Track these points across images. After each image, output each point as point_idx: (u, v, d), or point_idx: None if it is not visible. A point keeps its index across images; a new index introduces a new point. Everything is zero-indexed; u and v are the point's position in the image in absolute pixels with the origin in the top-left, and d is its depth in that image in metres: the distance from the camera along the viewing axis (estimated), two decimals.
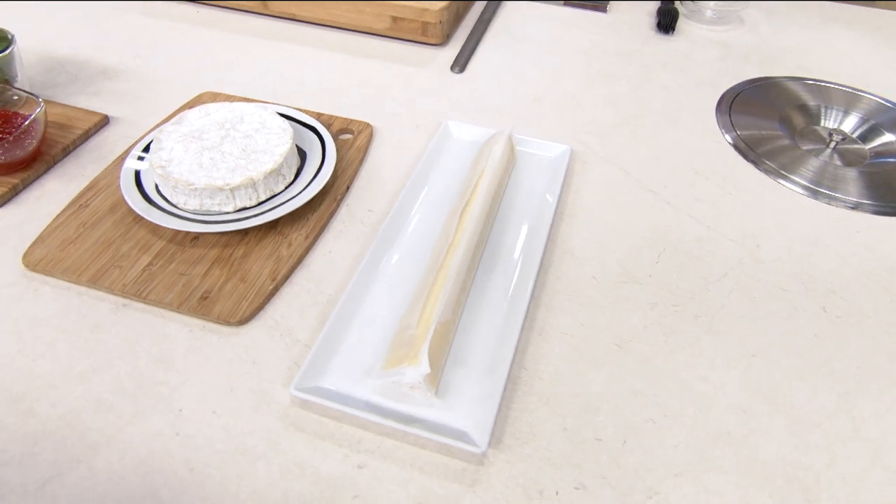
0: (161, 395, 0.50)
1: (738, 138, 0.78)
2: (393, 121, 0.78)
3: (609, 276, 0.61)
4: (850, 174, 0.74)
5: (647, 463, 0.47)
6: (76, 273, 0.57)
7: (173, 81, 0.83)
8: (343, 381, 0.50)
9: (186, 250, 0.60)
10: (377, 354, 0.52)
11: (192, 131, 0.66)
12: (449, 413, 0.49)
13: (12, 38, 0.72)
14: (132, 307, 0.56)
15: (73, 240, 0.60)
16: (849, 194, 0.71)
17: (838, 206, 0.70)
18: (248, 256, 0.60)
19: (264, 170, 0.62)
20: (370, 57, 0.90)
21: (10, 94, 0.71)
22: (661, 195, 0.70)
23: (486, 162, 0.64)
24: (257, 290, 0.57)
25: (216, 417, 0.49)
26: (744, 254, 0.64)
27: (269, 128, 0.67)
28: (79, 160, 0.71)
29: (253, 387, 0.51)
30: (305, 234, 0.62)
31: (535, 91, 0.85)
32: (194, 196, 0.61)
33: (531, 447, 0.48)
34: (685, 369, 0.54)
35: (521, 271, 0.59)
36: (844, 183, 0.73)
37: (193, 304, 0.55)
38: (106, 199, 0.65)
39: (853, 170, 0.75)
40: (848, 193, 0.71)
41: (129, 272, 0.58)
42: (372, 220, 0.65)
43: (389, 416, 0.48)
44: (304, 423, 0.49)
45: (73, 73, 0.83)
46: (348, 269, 0.60)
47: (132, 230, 0.62)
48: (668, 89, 0.87)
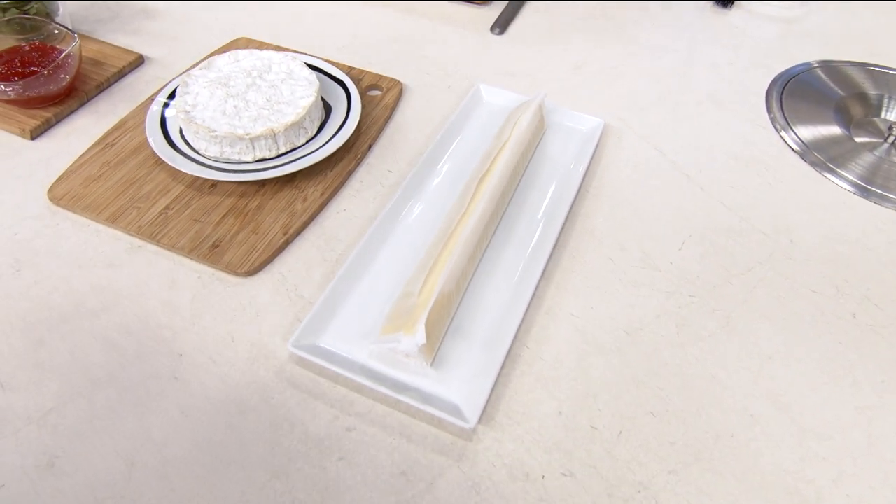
0: (164, 338, 0.51)
1: (786, 125, 0.73)
2: (425, 80, 0.76)
3: (627, 260, 0.59)
4: None
5: (640, 457, 0.46)
6: (96, 211, 0.58)
7: (210, 24, 0.82)
8: (341, 342, 0.50)
9: (203, 197, 0.60)
10: (378, 319, 0.52)
11: (219, 77, 0.65)
12: (442, 385, 0.48)
13: None
14: (146, 249, 0.57)
15: (96, 177, 0.61)
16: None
17: (889, 207, 0.65)
18: (262, 208, 0.59)
19: (286, 122, 0.61)
20: (409, 12, 0.87)
21: (50, 27, 0.72)
22: (694, 179, 0.66)
23: (512, 130, 0.62)
24: (268, 243, 0.56)
25: (214, 366, 0.49)
26: (775, 248, 0.60)
27: (295, 79, 0.66)
28: (111, 98, 0.71)
29: (253, 339, 0.51)
30: (322, 191, 0.61)
31: (575, 59, 0.81)
32: (215, 143, 0.61)
33: (522, 428, 0.47)
34: (694, 364, 0.51)
35: (536, 246, 0.57)
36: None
37: (204, 252, 0.56)
38: (132, 140, 0.65)
39: None
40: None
41: (146, 214, 0.58)
42: (390, 182, 0.64)
43: (382, 382, 0.47)
44: (299, 381, 0.49)
45: (114, 10, 0.83)
46: (361, 229, 0.59)
47: (154, 172, 0.62)
48: (718, 67, 0.82)
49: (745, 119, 0.74)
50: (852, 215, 0.64)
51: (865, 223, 0.64)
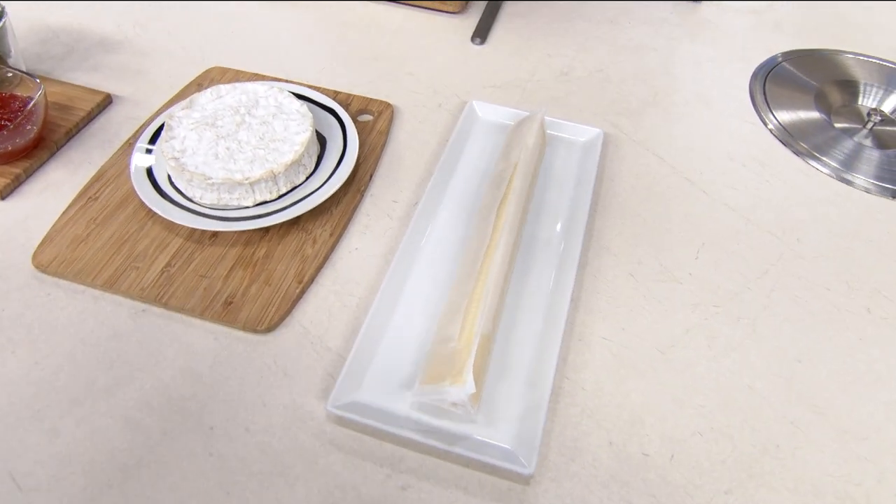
0: (190, 410, 0.48)
1: (773, 119, 0.74)
2: (413, 99, 0.74)
3: (648, 274, 0.59)
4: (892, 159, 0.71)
5: (695, 479, 0.46)
6: (90, 275, 0.54)
7: (176, 54, 0.78)
8: (380, 395, 0.49)
9: (206, 248, 0.57)
10: (414, 366, 0.50)
11: (204, 117, 0.62)
12: (492, 430, 0.47)
13: (3, 10, 0.66)
14: (152, 312, 0.53)
15: (84, 238, 0.57)
16: (892, 182, 0.68)
17: (879, 195, 0.67)
18: (271, 256, 0.56)
19: (285, 161, 0.58)
20: (383, 27, 0.84)
21: (3, 72, 0.66)
22: (696, 183, 0.67)
23: (520, 153, 0.61)
24: (284, 294, 0.54)
25: (250, 436, 0.47)
26: (784, 249, 0.62)
27: (286, 112, 0.63)
28: (83, 145, 0.66)
29: (286, 401, 0.49)
30: (330, 231, 0.59)
31: (560, 64, 0.80)
32: (211, 190, 0.57)
33: (577, 464, 0.47)
34: (729, 377, 0.52)
35: (559, 271, 0.56)
36: (888, 170, 0.70)
37: (217, 310, 0.52)
38: (116, 191, 0.61)
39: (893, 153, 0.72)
40: (892, 182, 0.68)
41: (146, 274, 0.55)
42: (398, 213, 0.62)
43: (432, 435, 0.46)
44: (342, 441, 0.47)
45: (68, 45, 0.77)
46: (377, 268, 0.57)
47: (146, 226, 0.58)
48: (700, 64, 0.83)
49: (734, 116, 0.75)
50: (848, 207, 0.66)
51: (862, 213, 0.66)
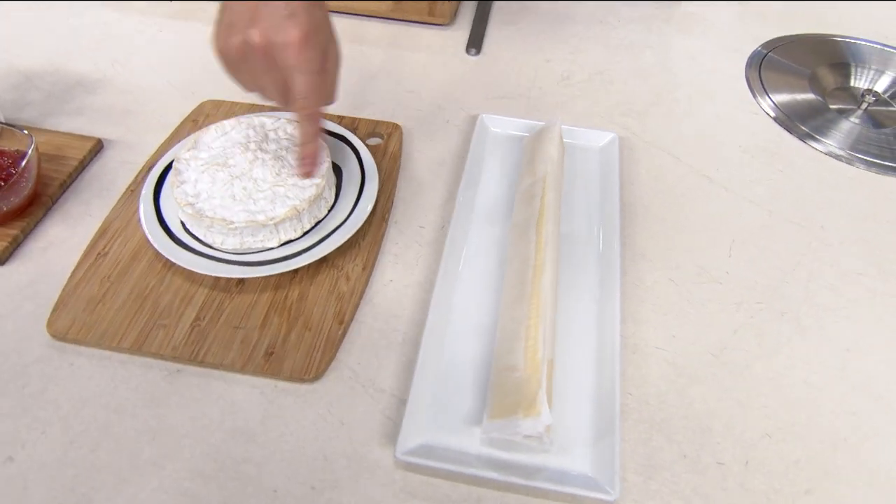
0: (248, 475, 0.45)
1: (774, 107, 0.75)
2: (419, 117, 0.72)
3: (686, 277, 0.58)
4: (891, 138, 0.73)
5: (773, 483, 0.46)
6: (115, 339, 0.50)
7: (162, 90, 0.74)
8: (445, 435, 0.47)
9: (234, 297, 0.54)
10: (475, 399, 0.49)
11: (213, 156, 0.58)
12: (566, 457, 0.46)
13: None
14: (187, 372, 0.50)
15: (100, 298, 0.53)
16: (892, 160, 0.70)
17: (889, 175, 0.69)
18: (305, 297, 0.54)
19: (308, 196, 0.56)
20: (374, 44, 0.82)
21: None
22: (715, 180, 0.67)
23: (546, 166, 0.60)
24: (326, 338, 0.51)
25: (317, 494, 0.44)
26: (811, 238, 0.62)
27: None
28: (79, 196, 0.62)
29: (347, 451, 0.46)
30: (362, 265, 0.56)
31: (559, 69, 0.80)
32: (233, 235, 0.54)
33: (656, 482, 0.46)
34: (785, 374, 0.52)
35: (602, 284, 0.55)
36: (888, 148, 0.71)
37: (259, 363, 0.50)
38: (126, 244, 0.57)
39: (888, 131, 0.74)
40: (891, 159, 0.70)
41: (175, 331, 0.51)
42: (426, 238, 0.60)
43: (508, 471, 0.44)
44: (415, 488, 0.45)
45: (44, 89, 0.73)
46: (415, 298, 0.55)
47: (166, 279, 0.55)
48: (693, 58, 0.83)
49: (736, 108, 0.76)
50: (862, 189, 0.67)
51: (875, 194, 0.67)
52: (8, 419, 0.47)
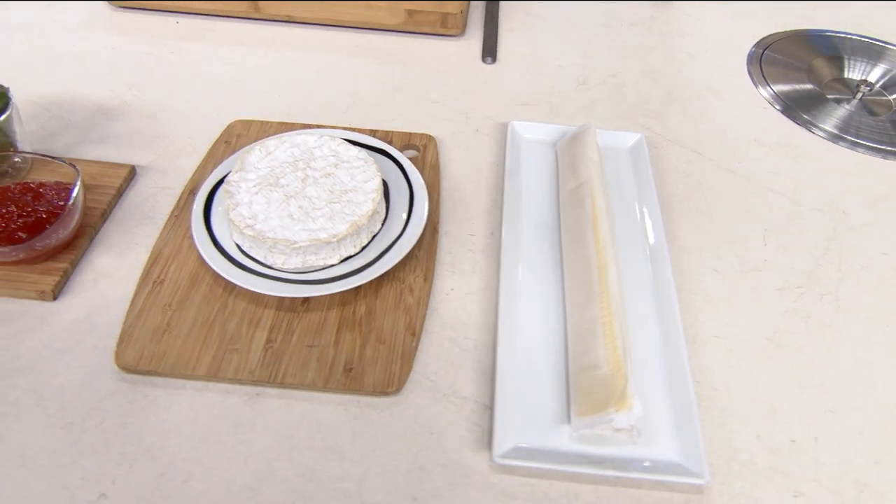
0: (348, 492, 0.45)
1: (779, 100, 0.79)
2: (449, 127, 0.73)
3: (729, 267, 0.61)
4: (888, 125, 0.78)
5: (843, 455, 0.49)
6: (189, 367, 0.50)
7: (185, 112, 0.73)
8: (534, 436, 0.48)
9: (302, 316, 0.54)
10: (556, 399, 0.50)
11: (262, 177, 0.58)
12: (652, 447, 0.48)
13: (8, 92, 0.60)
14: (267, 395, 0.50)
15: (165, 327, 0.52)
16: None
17: (891, 159, 0.73)
18: (373, 312, 0.54)
19: (365, 212, 0.56)
20: (390, 57, 0.83)
21: (13, 160, 0.60)
22: (739, 173, 0.70)
23: (589, 169, 0.61)
24: (402, 350, 0.52)
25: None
26: (835, 223, 0.66)
27: (346, 160, 0.60)
28: (121, 225, 0.61)
29: (441, 460, 0.47)
30: (423, 276, 0.57)
31: (574, 73, 0.82)
32: (296, 254, 0.54)
33: (737, 464, 0.48)
34: (835, 352, 0.55)
35: (656, 278, 0.58)
36: (886, 134, 0.76)
37: (340, 379, 0.50)
38: (181, 271, 0.56)
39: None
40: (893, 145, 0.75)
41: (249, 355, 0.51)
42: (478, 246, 0.61)
43: (603, 465, 0.46)
44: (514, 490, 0.46)
45: (63, 118, 0.71)
46: (479, 305, 0.56)
47: (229, 303, 0.54)
48: (695, 57, 0.87)
49: (745, 102, 0.80)
50: (871, 174, 0.71)
51: (885, 179, 0.71)
52: (92, 456, 0.46)
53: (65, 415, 0.48)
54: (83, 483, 0.44)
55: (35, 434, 0.47)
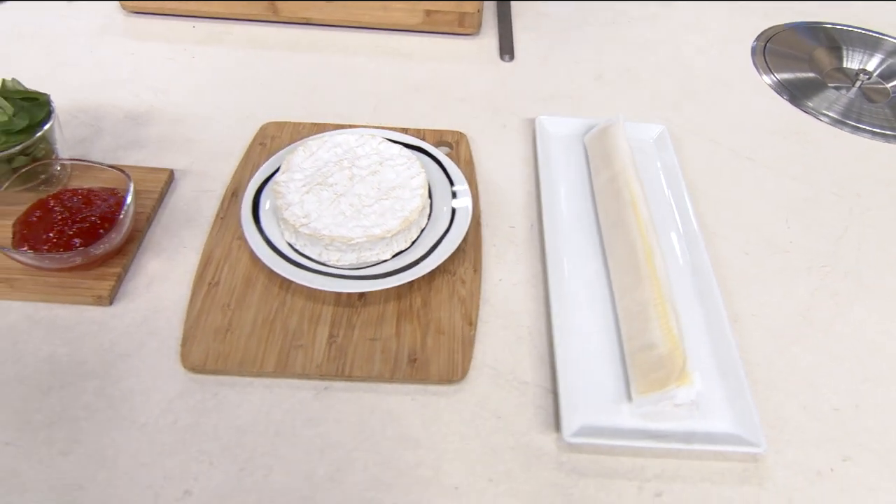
0: (426, 477, 0.47)
1: (785, 90, 0.83)
2: (476, 124, 0.75)
3: (757, 250, 0.64)
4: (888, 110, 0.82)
5: (884, 422, 0.52)
6: (256, 364, 0.51)
7: (213, 116, 0.73)
8: (598, 415, 0.50)
9: (360, 311, 0.55)
10: (614, 379, 0.52)
11: (308, 177, 0.59)
12: (709, 420, 0.50)
13: (49, 100, 0.59)
14: (335, 388, 0.51)
15: (227, 327, 0.53)
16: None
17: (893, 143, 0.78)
18: (428, 304, 0.56)
19: (414, 207, 0.57)
20: (410, 57, 0.84)
21: (54, 168, 0.60)
22: (757, 161, 0.74)
23: (623, 159, 0.64)
24: (461, 340, 0.53)
25: (494, 486, 0.46)
26: (851, 205, 0.69)
27: (390, 158, 0.62)
28: (167, 229, 0.61)
29: (510, 443, 0.49)
30: (473, 268, 0.59)
31: (590, 69, 0.84)
32: (351, 251, 0.55)
33: (788, 433, 0.51)
34: (864, 326, 0.58)
35: (693, 262, 0.60)
36: (887, 120, 0.80)
37: (406, 370, 0.51)
38: (235, 272, 0.57)
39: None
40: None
41: (314, 350, 0.52)
42: (520, 238, 0.63)
43: (666, 439, 0.48)
44: (584, 467, 0.48)
45: (91, 124, 0.70)
46: (528, 294, 0.58)
47: (287, 301, 0.55)
48: (703, 51, 0.90)
49: (754, 93, 0.83)
50: (880, 158, 0.75)
51: (891, 160, 0.75)
52: (171, 455, 0.46)
53: (137, 416, 0.48)
54: (166, 482, 0.45)
55: (111, 436, 0.47)
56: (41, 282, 0.55)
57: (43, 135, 0.58)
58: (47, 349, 0.52)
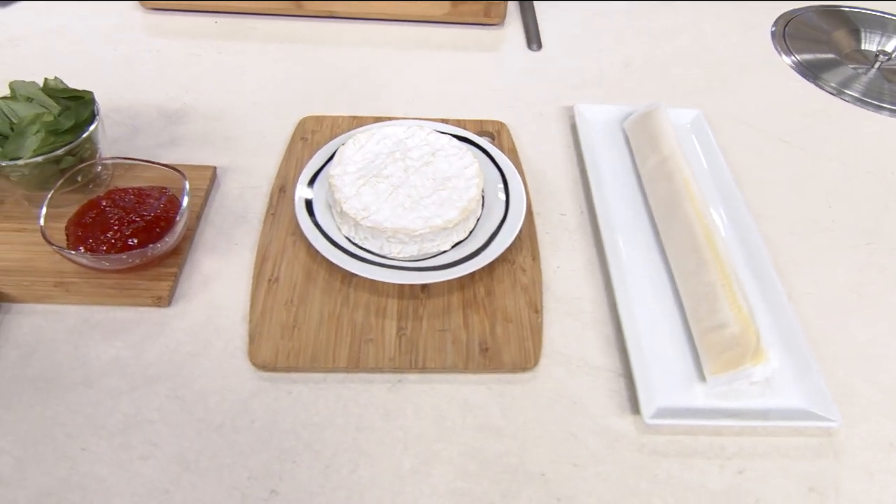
0: (513, 465, 0.46)
1: (808, 71, 0.84)
2: (511, 113, 0.74)
3: (803, 229, 0.65)
4: None
5: None
6: (328, 360, 0.50)
7: (248, 111, 0.72)
8: (674, 396, 0.50)
9: (426, 302, 0.54)
10: (682, 360, 0.52)
11: (361, 170, 0.59)
12: (781, 397, 0.51)
13: (94, 98, 0.58)
14: (408, 380, 0.51)
15: (293, 324, 0.52)
16: None
17: None
18: (492, 293, 0.55)
19: (472, 197, 0.57)
20: (438, 47, 0.83)
21: (96, 170, 0.58)
22: (791, 143, 0.75)
23: (671, 144, 0.64)
24: (530, 327, 0.53)
25: (580, 470, 0.47)
26: (888, 184, 0.71)
27: (441, 149, 0.61)
28: (216, 227, 0.60)
29: (590, 426, 0.49)
30: (531, 256, 0.59)
31: (616, 57, 0.85)
32: (413, 243, 0.55)
33: (856, 406, 0.52)
34: None
35: (746, 242, 0.61)
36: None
37: (479, 360, 0.51)
38: (293, 267, 0.56)
39: None
40: None
41: (384, 344, 0.51)
42: (571, 224, 0.63)
43: (743, 417, 0.49)
44: (663, 448, 0.48)
45: (126, 124, 0.69)
46: (587, 280, 0.58)
47: (351, 295, 0.54)
48: (724, 36, 0.91)
49: (778, 76, 0.84)
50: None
51: None
52: (253, 455, 0.46)
53: (213, 417, 0.47)
54: (251, 482, 0.44)
55: (189, 438, 0.46)
56: (96, 284, 0.53)
57: (89, 135, 0.56)
58: (111, 352, 0.50)
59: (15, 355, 0.50)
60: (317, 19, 0.85)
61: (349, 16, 0.85)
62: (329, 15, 0.85)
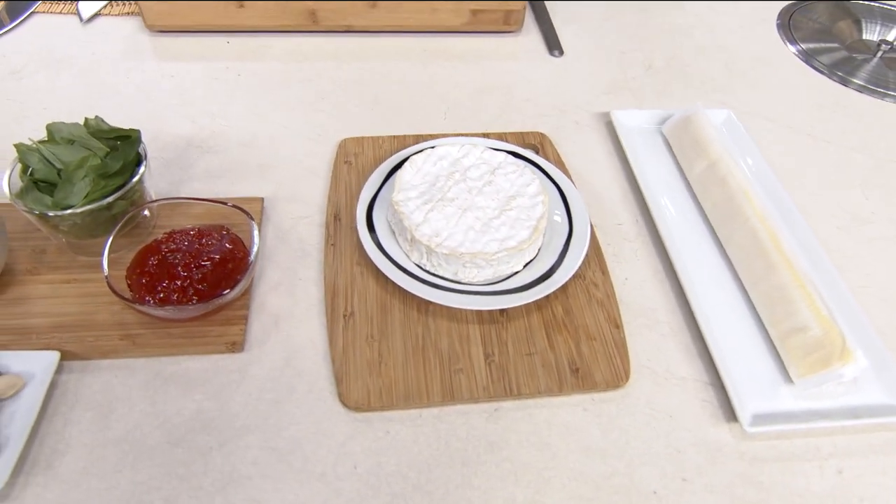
0: (624, 486, 0.46)
1: (821, 63, 0.86)
2: (550, 122, 0.74)
3: (845, 222, 0.67)
4: None
5: None
6: (420, 396, 0.49)
7: (281, 135, 0.69)
8: (763, 401, 0.51)
9: (506, 326, 0.54)
10: (763, 365, 0.53)
11: (423, 193, 0.57)
12: (862, 394, 0.52)
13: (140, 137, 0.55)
14: (504, 408, 0.50)
15: (379, 359, 0.51)
16: None
17: None
18: (570, 311, 0.55)
19: (539, 215, 0.57)
20: (461, 58, 0.82)
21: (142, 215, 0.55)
22: (817, 136, 0.76)
23: (718, 147, 0.65)
24: (614, 343, 0.53)
25: (691, 484, 0.47)
26: None
27: (500, 167, 0.60)
28: (275, 261, 0.58)
29: (690, 439, 0.49)
30: (600, 269, 0.58)
31: (638, 59, 0.85)
32: (489, 266, 0.54)
33: None
34: None
35: (798, 239, 0.62)
36: None
37: (572, 381, 0.51)
38: (365, 300, 0.54)
39: None
40: None
41: (474, 372, 0.51)
42: (629, 234, 0.63)
43: (836, 416, 0.50)
44: (763, 454, 0.49)
45: (156, 157, 0.65)
46: (657, 290, 0.58)
47: (430, 324, 0.53)
48: (734, 31, 0.92)
49: (793, 71, 0.86)
50: None
51: None
52: (364, 502, 0.44)
53: (313, 466, 0.46)
54: None
55: (293, 491, 0.44)
56: (163, 334, 0.51)
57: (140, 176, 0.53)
58: (191, 406, 0.48)
59: (90, 417, 0.47)
60: (333, 34, 0.83)
61: (366, 29, 0.83)
62: (346, 29, 0.82)
